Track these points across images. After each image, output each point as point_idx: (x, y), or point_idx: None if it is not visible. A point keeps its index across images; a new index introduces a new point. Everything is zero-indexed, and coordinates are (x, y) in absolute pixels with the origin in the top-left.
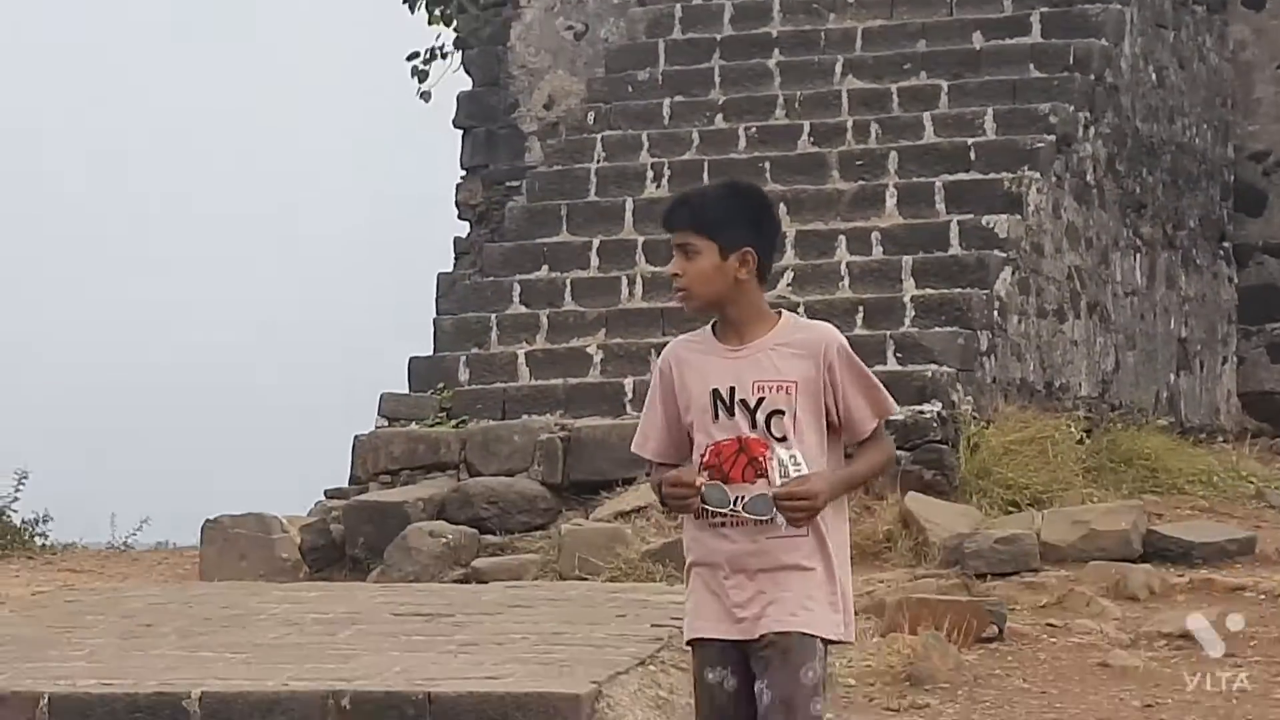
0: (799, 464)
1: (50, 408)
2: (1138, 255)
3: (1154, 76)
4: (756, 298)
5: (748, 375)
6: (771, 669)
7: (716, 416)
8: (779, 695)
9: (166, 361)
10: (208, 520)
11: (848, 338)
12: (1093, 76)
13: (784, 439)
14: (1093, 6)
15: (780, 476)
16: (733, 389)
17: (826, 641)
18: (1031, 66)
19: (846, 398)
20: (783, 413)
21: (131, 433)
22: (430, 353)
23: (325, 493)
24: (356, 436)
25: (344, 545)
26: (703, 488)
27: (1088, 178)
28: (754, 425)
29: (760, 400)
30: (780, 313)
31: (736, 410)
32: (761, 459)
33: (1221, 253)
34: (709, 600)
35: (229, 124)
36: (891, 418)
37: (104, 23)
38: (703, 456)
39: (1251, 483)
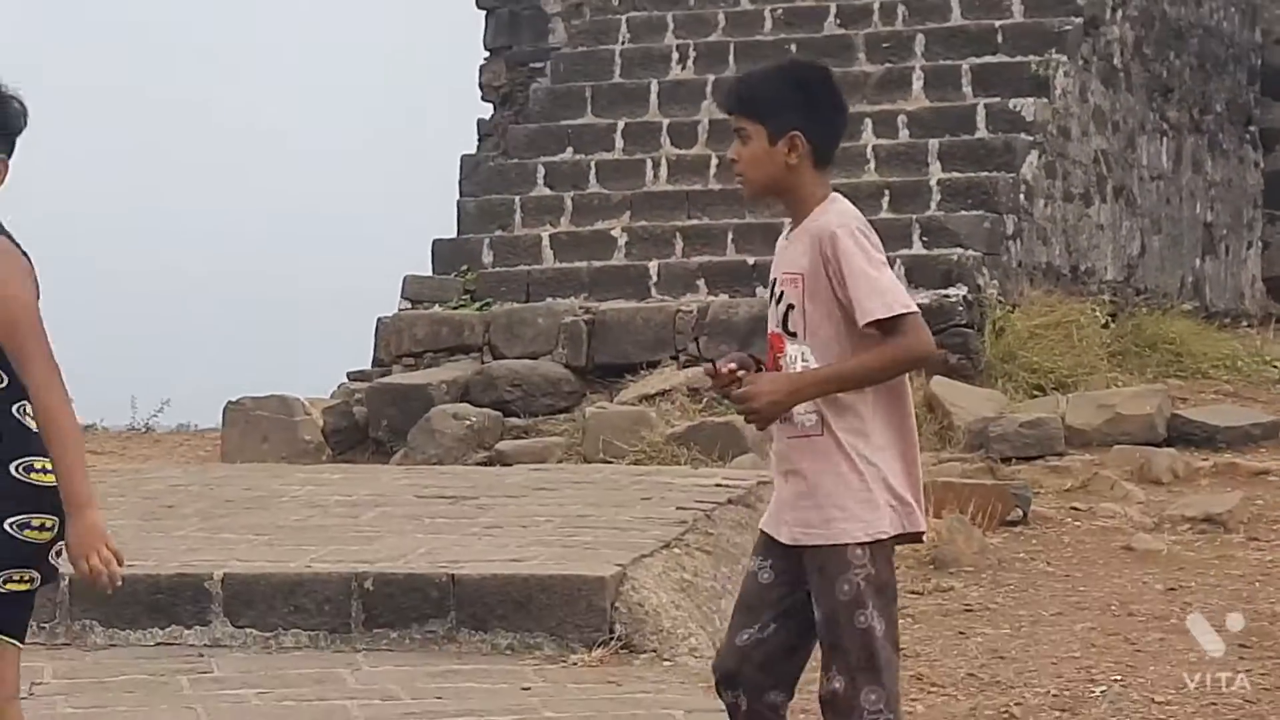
0: (807, 360)
1: (71, 290)
2: (1164, 139)
3: None
4: (811, 183)
5: (781, 267)
6: (812, 584)
7: (770, 309)
8: (822, 612)
9: (188, 244)
10: (230, 402)
11: (873, 221)
12: None
13: (795, 335)
14: None
15: None
16: (774, 281)
17: (868, 544)
18: None
19: (847, 292)
20: (794, 307)
21: (153, 315)
22: (454, 235)
23: (348, 375)
24: (379, 319)
25: (367, 428)
26: (736, 376)
27: (1115, 61)
28: (776, 320)
29: (781, 294)
30: (831, 197)
31: (773, 304)
32: (779, 356)
33: (1248, 137)
34: (774, 495)
35: (257, 20)
36: (917, 301)
37: None
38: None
39: (1276, 367)
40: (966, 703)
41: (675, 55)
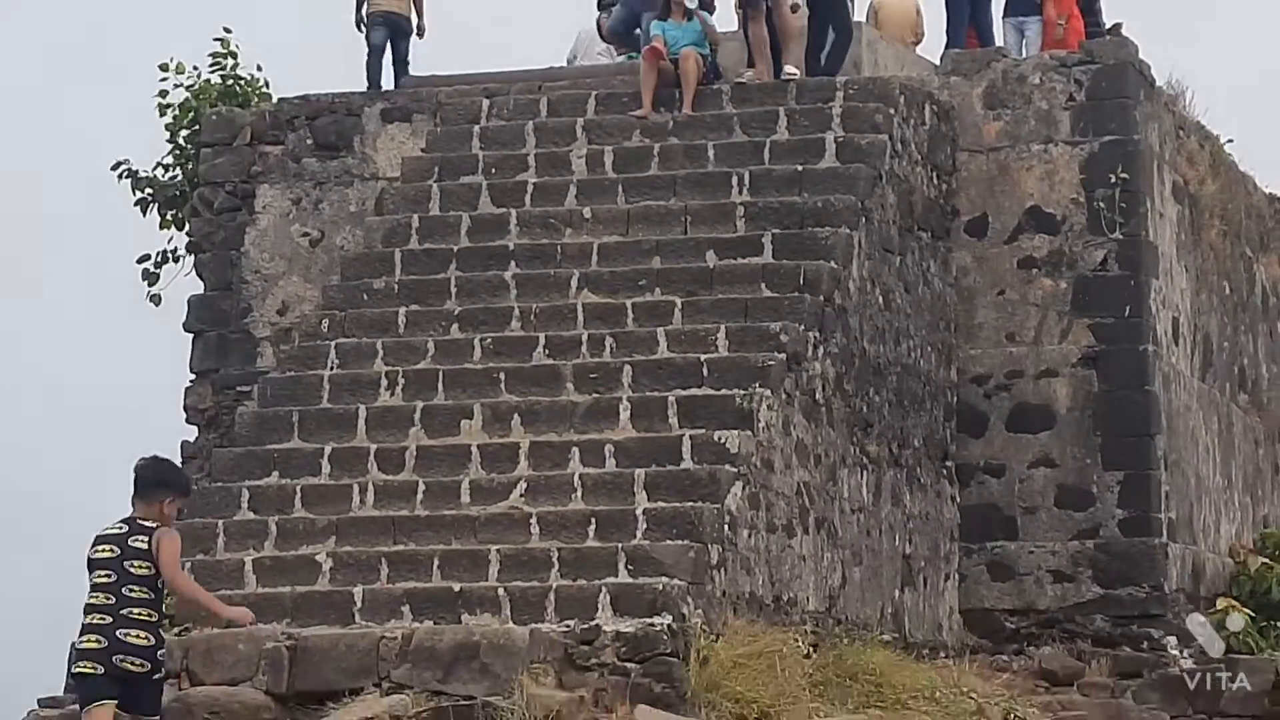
0: None
1: None
2: (865, 473)
3: (881, 299)
4: None
5: None
6: None
7: None
8: None
9: None
10: None
11: (579, 550)
12: (822, 297)
13: None
14: (822, 230)
15: None
16: None
17: None
18: (763, 286)
19: None
20: None
21: None
22: None
23: (39, 702)
24: (74, 644)
25: None
26: None
27: (817, 396)
28: None
29: None
30: None
31: None
32: None
33: (945, 471)
34: None
35: None
36: (622, 629)
37: None
38: None
39: (972, 699)
40: None
41: (384, 382)
